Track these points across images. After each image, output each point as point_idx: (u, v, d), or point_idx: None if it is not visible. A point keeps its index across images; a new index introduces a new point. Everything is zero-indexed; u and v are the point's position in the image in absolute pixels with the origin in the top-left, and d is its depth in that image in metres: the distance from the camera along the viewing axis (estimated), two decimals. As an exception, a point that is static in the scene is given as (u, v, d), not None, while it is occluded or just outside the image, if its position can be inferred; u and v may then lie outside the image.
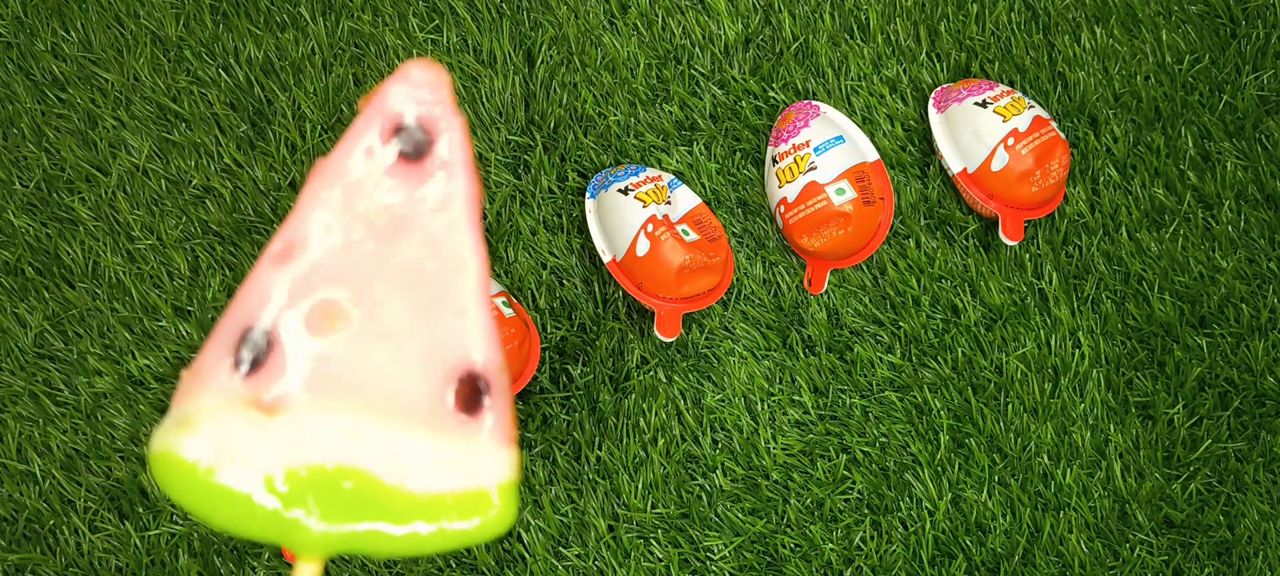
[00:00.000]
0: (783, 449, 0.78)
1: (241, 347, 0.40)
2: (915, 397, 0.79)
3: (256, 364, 0.40)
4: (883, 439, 0.79)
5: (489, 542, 0.78)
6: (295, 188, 0.84)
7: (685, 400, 0.79)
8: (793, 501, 0.78)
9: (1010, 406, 0.79)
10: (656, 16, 0.87)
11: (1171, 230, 0.82)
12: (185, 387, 0.40)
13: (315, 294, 0.40)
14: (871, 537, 0.77)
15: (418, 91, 0.41)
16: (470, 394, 0.41)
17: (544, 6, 0.87)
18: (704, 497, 0.78)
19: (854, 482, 0.78)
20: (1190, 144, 0.84)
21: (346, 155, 0.41)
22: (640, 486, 0.77)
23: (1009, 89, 0.82)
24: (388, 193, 0.41)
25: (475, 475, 0.40)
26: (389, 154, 0.41)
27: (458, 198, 0.41)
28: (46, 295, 0.82)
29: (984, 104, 0.80)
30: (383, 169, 0.41)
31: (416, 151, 0.41)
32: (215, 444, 0.39)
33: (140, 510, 0.77)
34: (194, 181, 0.84)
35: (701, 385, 0.80)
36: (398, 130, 0.41)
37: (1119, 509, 0.77)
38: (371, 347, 0.40)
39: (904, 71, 0.86)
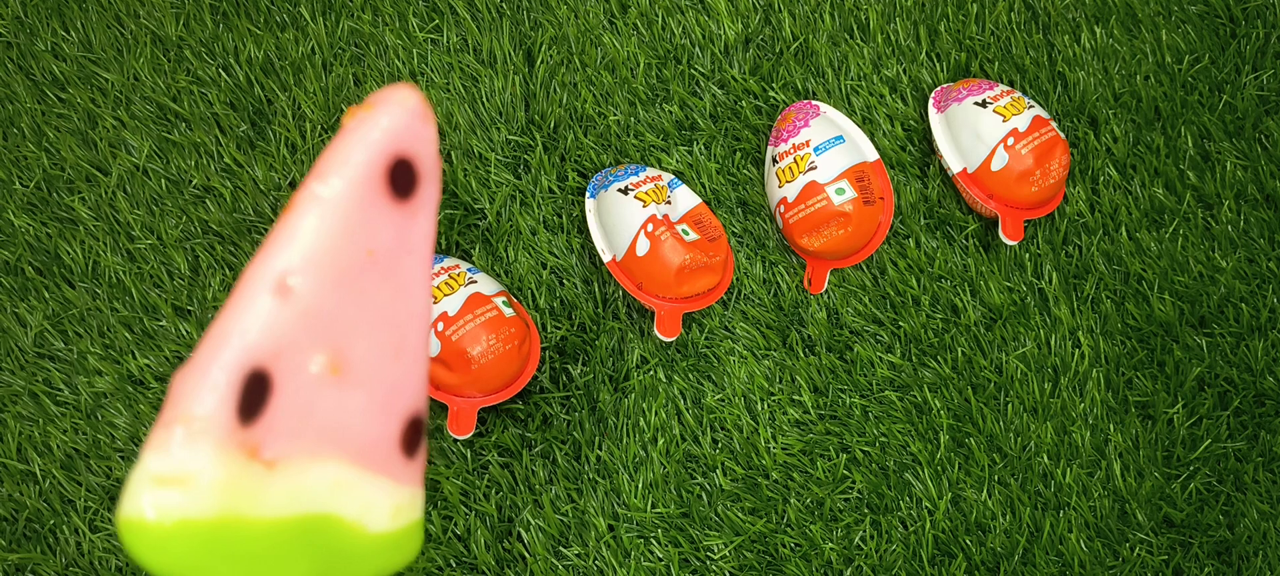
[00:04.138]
0: (783, 448, 0.78)
1: (243, 393, 0.36)
2: (915, 397, 0.79)
3: (257, 411, 0.37)
4: (883, 438, 0.79)
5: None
6: (295, 187, 0.84)
7: (685, 400, 0.79)
8: (793, 501, 0.78)
9: (1010, 406, 0.79)
10: (656, 16, 0.87)
11: (1171, 230, 0.82)
12: (176, 404, 0.36)
13: (315, 338, 0.38)
14: (871, 537, 0.77)
15: (414, 124, 0.39)
16: (413, 437, 0.42)
17: (544, 6, 0.87)
18: (704, 497, 0.78)
19: (854, 482, 0.78)
20: (1190, 144, 0.84)
21: (347, 182, 0.38)
22: (640, 486, 0.77)
23: (1009, 89, 0.82)
24: (379, 230, 0.39)
25: (412, 512, 0.43)
26: (383, 189, 0.39)
27: (425, 241, 0.40)
28: (46, 295, 0.82)
29: (984, 104, 0.80)
30: (377, 204, 0.39)
31: (406, 190, 0.39)
32: (220, 500, 0.36)
33: (140, 510, 0.77)
34: (194, 181, 0.84)
35: (701, 385, 0.80)
36: (395, 164, 0.39)
37: (1119, 508, 0.77)
38: (351, 392, 0.40)
39: (904, 71, 0.86)
